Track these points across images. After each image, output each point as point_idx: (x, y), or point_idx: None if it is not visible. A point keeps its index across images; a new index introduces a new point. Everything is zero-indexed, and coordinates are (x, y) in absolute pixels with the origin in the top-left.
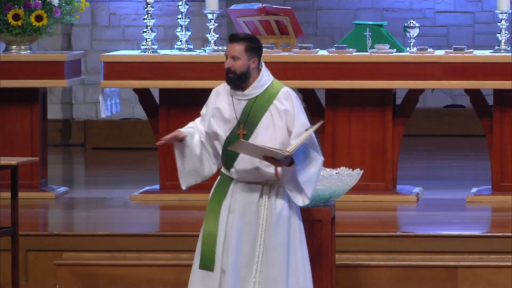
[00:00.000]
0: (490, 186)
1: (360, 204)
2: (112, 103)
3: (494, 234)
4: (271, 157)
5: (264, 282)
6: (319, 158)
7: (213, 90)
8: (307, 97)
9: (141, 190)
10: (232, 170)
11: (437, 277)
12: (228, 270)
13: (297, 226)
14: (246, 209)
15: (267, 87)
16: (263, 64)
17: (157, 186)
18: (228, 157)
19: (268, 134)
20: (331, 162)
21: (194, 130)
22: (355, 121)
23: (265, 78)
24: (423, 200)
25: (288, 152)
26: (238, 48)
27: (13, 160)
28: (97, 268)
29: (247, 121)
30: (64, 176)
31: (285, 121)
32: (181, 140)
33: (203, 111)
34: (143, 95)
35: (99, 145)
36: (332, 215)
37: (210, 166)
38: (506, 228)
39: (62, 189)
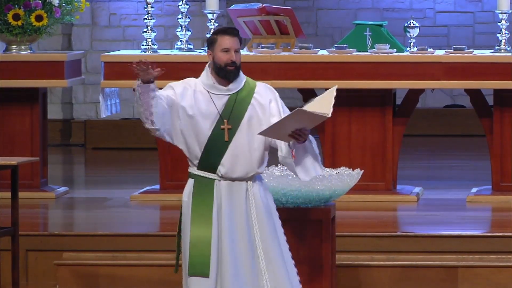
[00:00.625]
0: (490, 186)
1: (360, 204)
2: (112, 103)
3: (494, 234)
4: (299, 132)
5: (272, 280)
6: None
7: (179, 86)
8: (307, 97)
9: (141, 190)
10: (220, 167)
11: (437, 277)
12: (227, 272)
13: (279, 220)
14: (235, 207)
15: (245, 81)
16: None
17: (157, 186)
18: (213, 154)
19: (254, 126)
20: (331, 162)
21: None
22: (355, 121)
23: (242, 73)
24: (423, 200)
25: (328, 114)
26: (238, 41)
27: (13, 160)
28: (97, 268)
29: (231, 116)
30: (64, 176)
31: (268, 112)
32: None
33: (171, 96)
34: None
35: (99, 145)
36: (332, 215)
37: (158, 119)
38: (506, 228)
39: (62, 189)
